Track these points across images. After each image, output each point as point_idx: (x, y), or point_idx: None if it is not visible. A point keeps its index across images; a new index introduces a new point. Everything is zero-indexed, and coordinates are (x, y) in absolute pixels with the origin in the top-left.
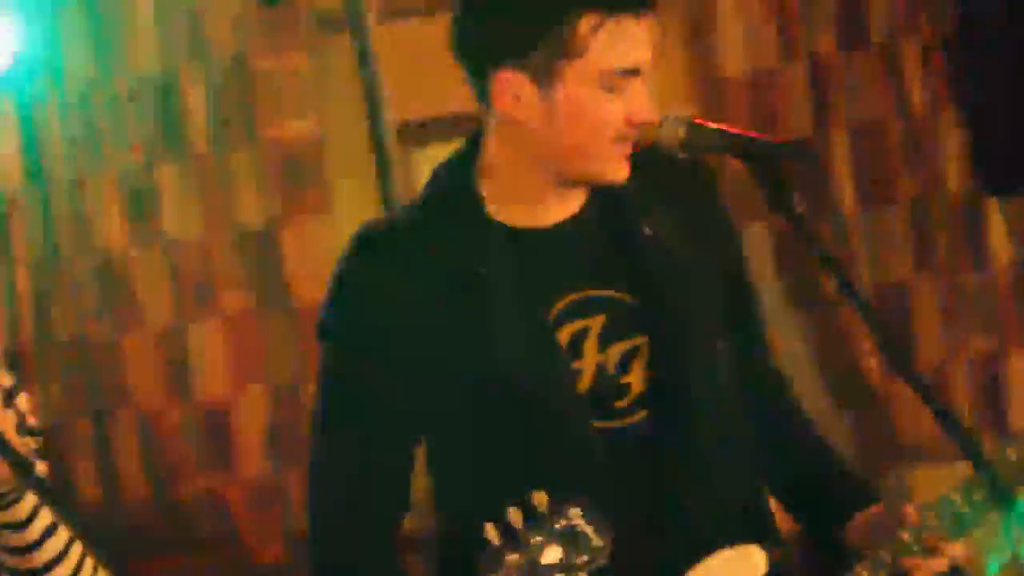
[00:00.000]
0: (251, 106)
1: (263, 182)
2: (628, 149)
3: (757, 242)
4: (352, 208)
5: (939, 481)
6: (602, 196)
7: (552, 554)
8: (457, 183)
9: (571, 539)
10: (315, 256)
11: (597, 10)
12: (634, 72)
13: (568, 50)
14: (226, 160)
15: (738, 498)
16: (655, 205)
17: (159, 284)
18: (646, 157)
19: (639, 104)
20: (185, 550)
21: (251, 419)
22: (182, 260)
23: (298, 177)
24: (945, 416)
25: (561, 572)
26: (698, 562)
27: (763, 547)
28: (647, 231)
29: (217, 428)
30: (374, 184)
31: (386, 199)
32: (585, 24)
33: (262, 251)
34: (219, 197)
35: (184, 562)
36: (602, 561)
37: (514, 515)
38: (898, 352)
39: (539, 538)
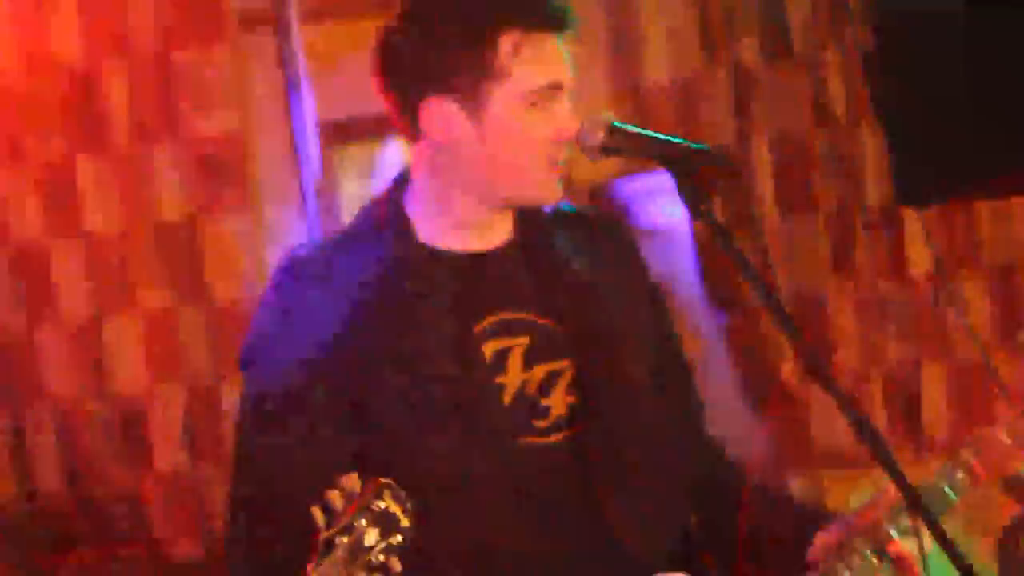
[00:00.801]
0: (172, 101)
1: (183, 177)
2: (559, 169)
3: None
4: (275, 204)
5: (854, 487)
6: (530, 228)
7: (372, 535)
8: (387, 208)
9: (386, 520)
10: (235, 253)
11: (516, 29)
12: (557, 87)
13: (492, 72)
14: (146, 154)
15: (663, 524)
16: (577, 243)
17: (76, 278)
18: (567, 208)
19: (564, 120)
20: (100, 545)
21: (167, 415)
22: (100, 254)
23: (219, 173)
24: (860, 423)
25: (381, 553)
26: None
27: (697, 572)
28: (575, 264)
29: (133, 423)
30: (295, 182)
31: (306, 197)
32: (506, 44)
33: (181, 247)
34: (139, 191)
35: (99, 557)
36: (410, 541)
37: (336, 498)
38: (814, 359)
39: (362, 520)
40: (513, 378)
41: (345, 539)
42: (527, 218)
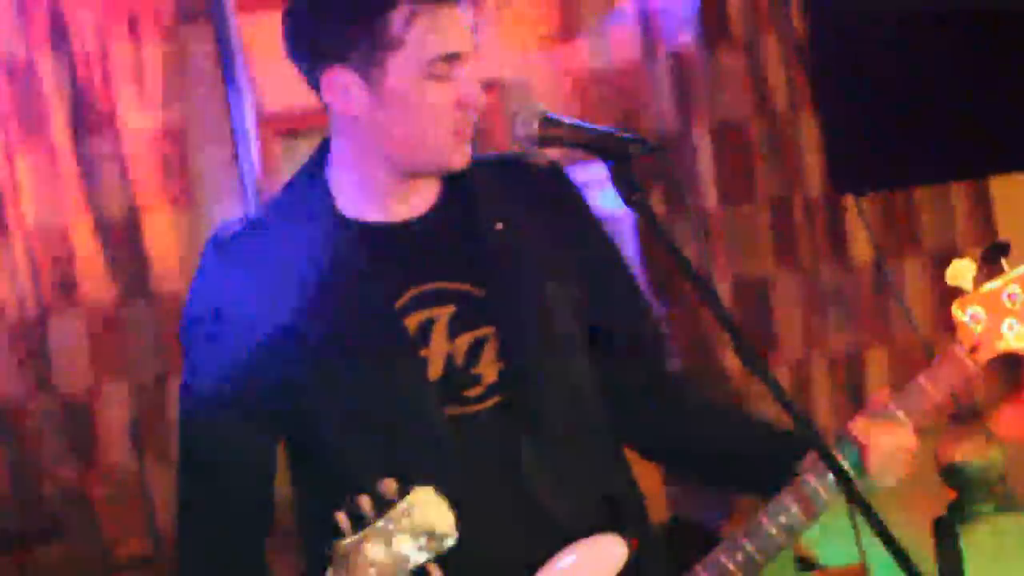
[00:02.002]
0: (113, 95)
1: (125, 173)
2: (466, 135)
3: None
4: (217, 199)
5: None
6: (455, 192)
7: (403, 540)
8: (310, 180)
9: (420, 525)
10: (177, 248)
11: (409, 1)
12: (455, 57)
13: (387, 43)
14: (87, 148)
15: (595, 487)
16: (508, 202)
17: (19, 274)
18: (499, 160)
19: (466, 89)
20: (46, 543)
21: (113, 412)
22: (43, 250)
23: (161, 167)
24: (795, 414)
25: (412, 558)
26: (554, 550)
27: (624, 536)
28: (498, 226)
29: (79, 421)
30: (236, 175)
31: (247, 191)
32: (399, 15)
33: (125, 243)
34: (81, 186)
35: (46, 555)
36: (449, 546)
37: (365, 503)
38: (750, 351)
39: (391, 525)
40: (438, 350)
41: (370, 544)
42: (453, 179)
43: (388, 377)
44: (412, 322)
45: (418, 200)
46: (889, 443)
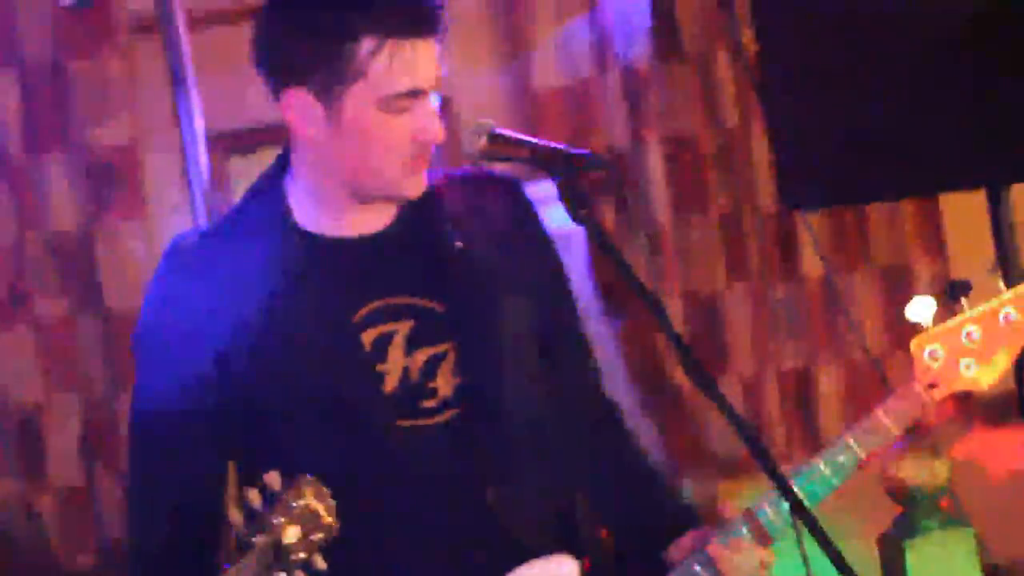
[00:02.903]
0: (64, 109)
1: (76, 186)
2: (421, 167)
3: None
4: (167, 215)
5: (746, 493)
6: (415, 209)
7: (292, 533)
8: (268, 194)
9: (307, 517)
10: (128, 262)
11: (375, 34)
12: (415, 94)
13: (349, 73)
14: (39, 163)
15: (548, 504)
16: (468, 219)
17: None
18: (458, 175)
19: (424, 124)
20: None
21: (63, 426)
22: None
23: (112, 182)
24: (744, 431)
25: (302, 551)
26: (508, 565)
27: (575, 556)
28: (459, 244)
29: (28, 435)
30: (189, 190)
31: (197, 207)
32: (363, 47)
33: (75, 256)
34: (32, 201)
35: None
36: (332, 536)
37: (254, 496)
38: (700, 370)
39: (281, 519)
40: (394, 364)
41: (263, 537)
42: (411, 201)
43: (342, 390)
44: (369, 336)
45: (376, 216)
46: (745, 563)
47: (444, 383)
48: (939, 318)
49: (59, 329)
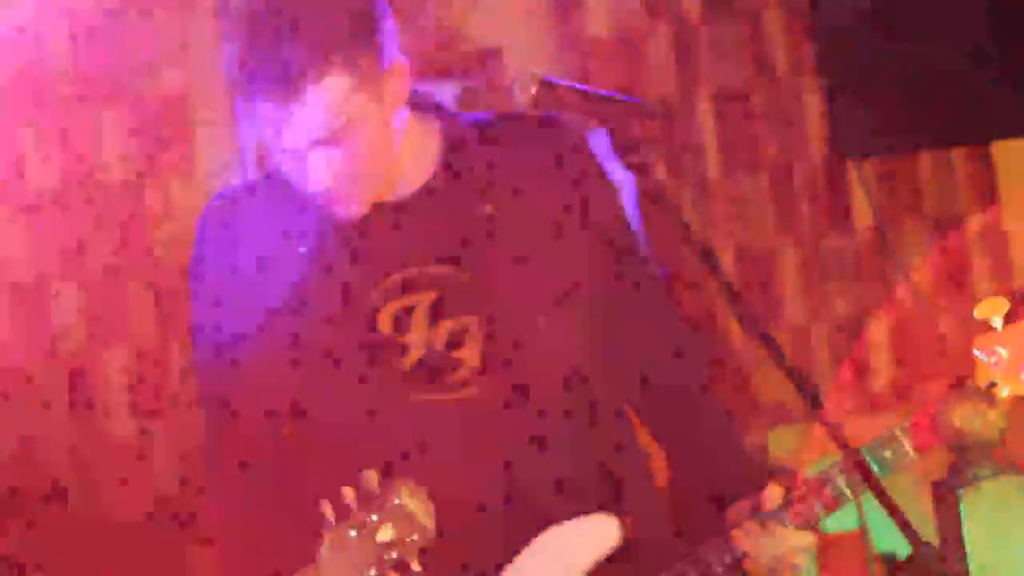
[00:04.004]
0: (116, 62)
1: (127, 139)
2: (332, 204)
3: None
4: (215, 167)
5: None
6: (448, 171)
7: (387, 532)
8: None
9: (402, 518)
10: (177, 214)
11: (240, 94)
12: (284, 151)
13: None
14: (89, 117)
15: (588, 470)
16: (505, 175)
17: (21, 241)
18: (504, 121)
19: (307, 179)
20: (49, 509)
21: (112, 379)
22: (44, 217)
23: (162, 134)
24: (800, 382)
25: (394, 550)
26: (538, 534)
27: (617, 516)
28: (488, 210)
29: (78, 388)
30: (239, 144)
31: (246, 159)
32: (240, 101)
33: (125, 208)
34: (82, 154)
35: (48, 520)
36: (429, 539)
37: (349, 493)
38: (753, 319)
39: (374, 517)
40: (417, 336)
41: (354, 533)
42: (452, 153)
43: (365, 361)
44: (393, 306)
45: (406, 180)
46: (774, 546)
47: (470, 353)
48: (1009, 319)
49: (108, 282)
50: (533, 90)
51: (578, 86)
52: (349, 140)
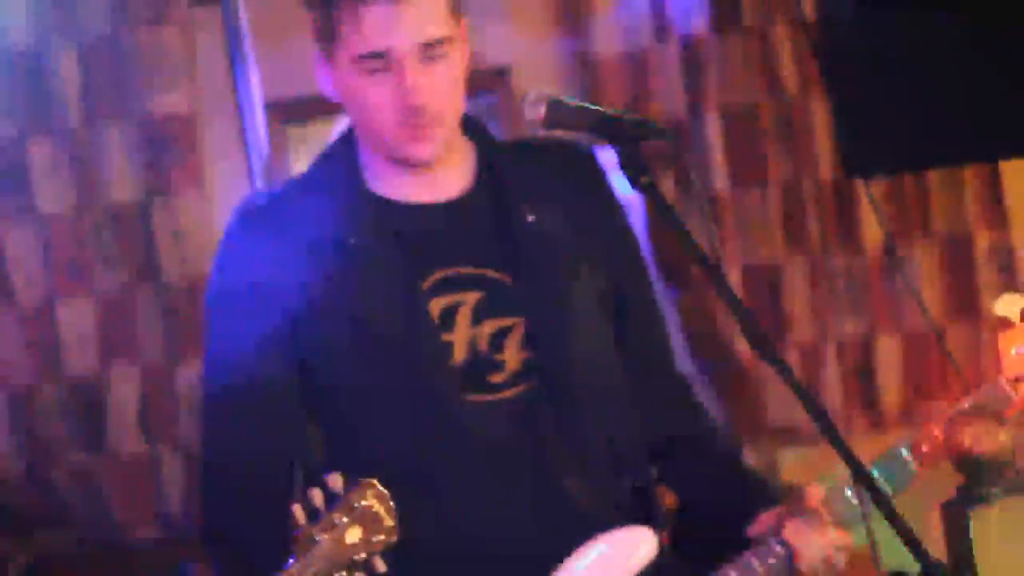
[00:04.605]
0: (123, 81)
1: (135, 158)
2: (418, 131)
3: None
4: (225, 185)
5: (808, 463)
6: (489, 179)
7: (354, 534)
8: (340, 158)
9: (369, 519)
10: (187, 232)
11: (346, 2)
12: (381, 55)
13: (330, 34)
14: (98, 135)
15: (623, 479)
16: (540, 191)
17: (30, 260)
18: (533, 144)
19: (400, 88)
20: (57, 528)
21: (123, 396)
22: (53, 236)
23: (170, 152)
24: (808, 400)
25: (363, 551)
26: (580, 542)
27: (653, 528)
28: (529, 217)
29: (89, 405)
30: (247, 160)
31: (256, 176)
32: (341, 8)
33: (134, 227)
34: (91, 172)
35: (56, 540)
36: (393, 540)
37: (317, 496)
38: (760, 336)
39: (344, 519)
40: (462, 334)
41: (326, 536)
42: (487, 166)
43: (410, 359)
44: (437, 305)
45: (448, 184)
46: (820, 544)
47: (512, 357)
48: None
49: (118, 300)
50: (542, 109)
51: (587, 104)
52: (444, 61)
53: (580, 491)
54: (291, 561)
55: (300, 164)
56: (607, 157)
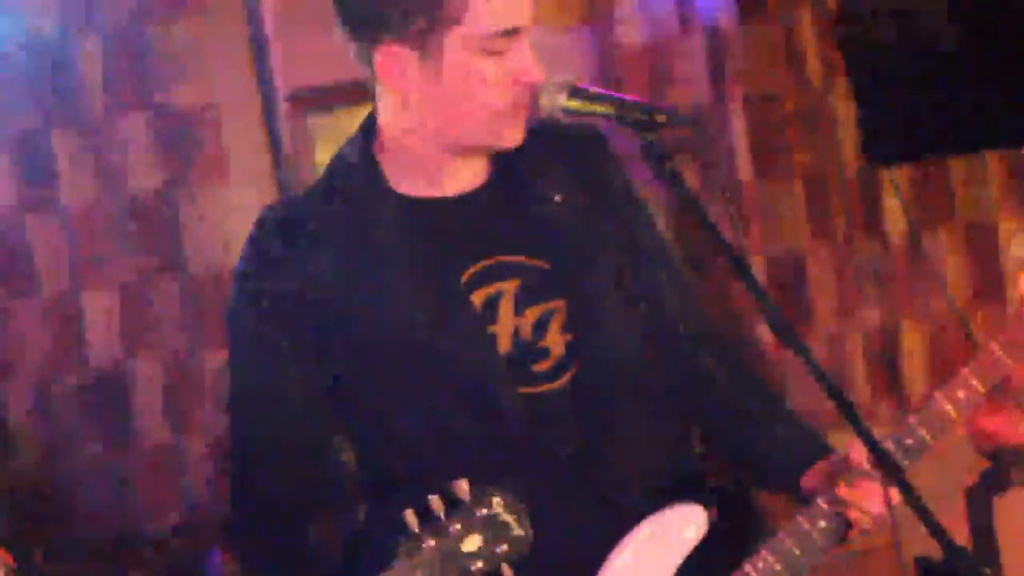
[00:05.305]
0: (145, 71)
1: (158, 148)
2: (523, 112)
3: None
4: (247, 174)
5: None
6: (507, 165)
7: (472, 542)
8: (358, 161)
9: (492, 527)
10: (209, 222)
11: None
12: (514, 32)
13: (446, 17)
14: (121, 125)
15: (668, 459)
16: (557, 173)
17: (53, 250)
18: (544, 129)
19: (523, 64)
20: (80, 518)
21: (145, 387)
22: (77, 226)
23: (193, 143)
24: (829, 386)
25: (481, 560)
26: (632, 525)
27: (703, 506)
28: (556, 197)
29: (112, 395)
30: (268, 150)
31: (279, 165)
32: None
33: (156, 218)
34: (114, 163)
35: (80, 530)
36: (523, 550)
37: (436, 502)
38: (782, 322)
39: (459, 526)
40: (505, 324)
41: (433, 541)
42: (502, 153)
43: (458, 355)
44: (478, 297)
45: (469, 174)
46: (871, 501)
47: (554, 342)
48: None
49: (140, 290)
50: (564, 97)
51: (610, 93)
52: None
53: (630, 479)
54: (394, 564)
55: (322, 153)
56: (630, 145)
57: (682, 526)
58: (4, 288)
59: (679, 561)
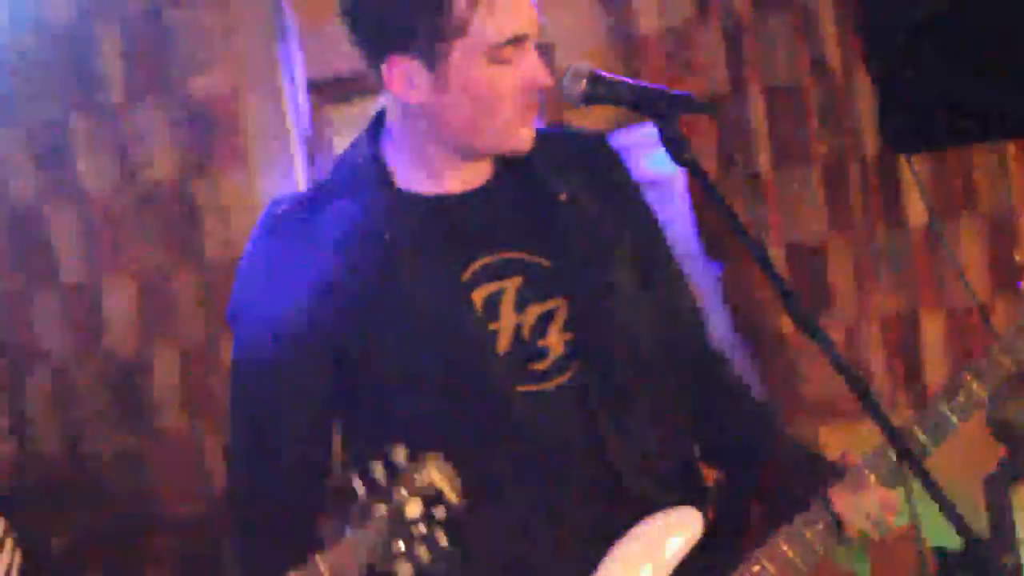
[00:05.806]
0: (165, 59)
1: (178, 136)
2: (530, 117)
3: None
4: (268, 163)
5: (848, 439)
6: (511, 164)
7: (414, 507)
8: (365, 156)
9: (430, 493)
10: (228, 211)
11: None
12: (520, 40)
13: (450, 30)
14: (140, 113)
15: (669, 459)
16: (562, 172)
17: (72, 238)
18: (549, 131)
19: (531, 71)
20: (99, 507)
21: (164, 376)
22: (95, 214)
23: (212, 131)
24: (849, 374)
25: (423, 525)
26: (628, 525)
27: (699, 508)
28: (562, 197)
29: (130, 384)
30: (287, 140)
31: (297, 156)
32: (461, 1)
33: (175, 206)
34: (133, 151)
35: (98, 518)
36: (456, 515)
37: (377, 469)
38: (801, 310)
39: (403, 491)
40: (507, 322)
41: (383, 508)
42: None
43: (459, 353)
44: (480, 294)
45: (474, 172)
46: (867, 505)
47: (555, 341)
48: None
49: (159, 278)
50: (583, 84)
51: (628, 80)
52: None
53: (634, 475)
54: (347, 531)
55: (342, 142)
56: (647, 132)
57: (679, 528)
58: (24, 275)
59: (674, 565)
